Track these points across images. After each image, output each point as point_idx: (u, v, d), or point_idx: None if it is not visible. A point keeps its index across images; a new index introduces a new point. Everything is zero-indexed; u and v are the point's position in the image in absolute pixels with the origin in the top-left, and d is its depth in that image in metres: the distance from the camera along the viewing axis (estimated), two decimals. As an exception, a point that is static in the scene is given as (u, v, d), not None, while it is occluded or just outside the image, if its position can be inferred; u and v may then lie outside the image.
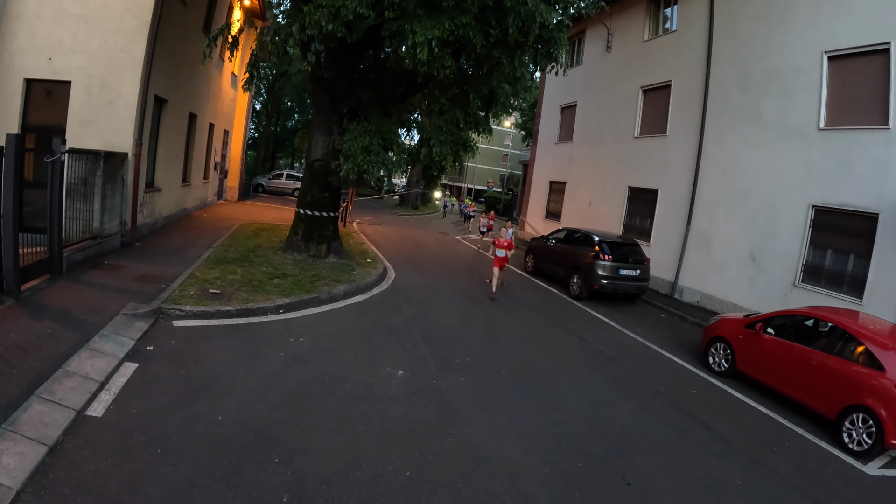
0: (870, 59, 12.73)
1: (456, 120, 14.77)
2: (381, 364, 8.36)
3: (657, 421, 7.83)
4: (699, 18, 17.89)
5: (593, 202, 23.14)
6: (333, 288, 11.77)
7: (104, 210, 11.65)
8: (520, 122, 57.24)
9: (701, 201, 17.12)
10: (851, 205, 12.79)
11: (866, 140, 12.59)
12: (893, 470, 7.59)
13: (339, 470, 5.31)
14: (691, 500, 5.89)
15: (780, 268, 14.29)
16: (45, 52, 12.01)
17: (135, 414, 5.69)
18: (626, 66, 22.06)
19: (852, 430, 7.96)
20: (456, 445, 6.20)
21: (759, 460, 7.18)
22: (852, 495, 6.64)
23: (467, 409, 7.27)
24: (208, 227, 17.93)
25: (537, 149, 29.90)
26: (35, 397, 5.45)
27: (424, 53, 10.65)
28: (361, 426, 6.27)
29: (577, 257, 16.04)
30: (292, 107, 58.08)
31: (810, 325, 9.84)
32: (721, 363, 10.69)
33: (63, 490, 4.37)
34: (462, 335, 10.67)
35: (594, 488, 5.80)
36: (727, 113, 16.51)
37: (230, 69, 23.72)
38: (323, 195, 15.08)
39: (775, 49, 15.04)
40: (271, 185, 38.64)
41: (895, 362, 7.82)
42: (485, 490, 5.39)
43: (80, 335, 7.15)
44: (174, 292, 9.63)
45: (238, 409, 6.18)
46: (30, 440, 4.81)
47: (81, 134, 11.74)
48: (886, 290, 11.85)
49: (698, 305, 16.52)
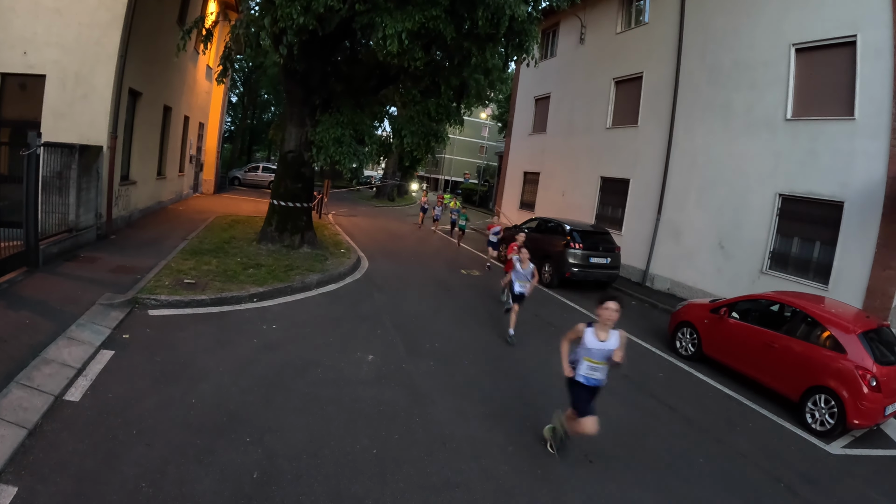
0: (836, 52, 13.06)
1: (428, 111, 14.93)
2: (351, 349, 8.57)
3: (622, 403, 8.07)
4: (670, 11, 18.20)
5: (566, 192, 23.45)
6: (306, 277, 11.94)
7: (80, 203, 11.68)
8: (496, 114, 57.32)
9: (671, 191, 17.48)
10: (817, 193, 13.15)
11: (832, 130, 12.94)
12: (856, 449, 7.90)
13: (307, 448, 5.52)
14: (652, 476, 6.15)
15: (747, 255, 14.68)
16: (20, 45, 11.96)
17: (111, 398, 5.85)
18: (599, 58, 22.36)
19: (815, 410, 8.29)
20: (422, 425, 6.44)
21: (721, 440, 7.47)
22: (816, 473, 6.93)
23: (435, 391, 7.50)
24: (184, 219, 17.98)
25: (512, 140, 30.19)
26: (14, 383, 5.58)
27: (395, 45, 10.82)
28: (331, 407, 6.49)
29: (548, 246, 16.29)
30: (269, 99, 57.80)
31: (774, 309, 10.14)
32: (688, 347, 10.99)
33: (43, 470, 4.54)
34: (432, 322, 10.90)
35: (557, 464, 6.07)
36: (697, 104, 16.85)
37: (205, 62, 23.66)
38: (296, 186, 15.22)
39: (744, 42, 15.39)
40: (247, 177, 38.51)
41: (856, 345, 8.16)
42: (449, 466, 5.63)
43: (58, 325, 7.27)
44: (149, 283, 9.75)
45: (211, 392, 6.36)
46: (9, 423, 4.94)
47: (56, 127, 11.72)
48: (851, 276, 12.22)
49: (669, 293, 16.89)
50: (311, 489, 4.88)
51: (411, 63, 11.97)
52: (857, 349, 8.13)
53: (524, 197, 28.02)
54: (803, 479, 6.71)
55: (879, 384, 7.83)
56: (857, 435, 8.32)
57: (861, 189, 12.18)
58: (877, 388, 7.81)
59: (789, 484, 6.49)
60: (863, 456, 7.76)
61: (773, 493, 6.27)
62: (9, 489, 4.24)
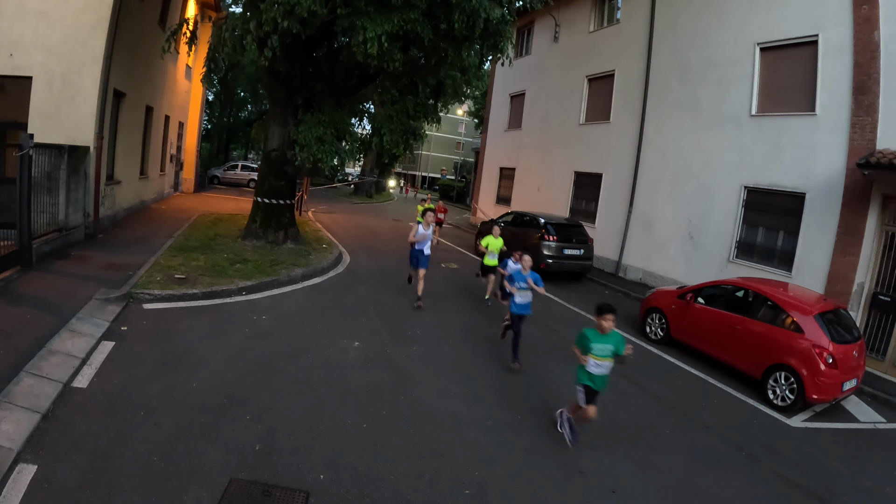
0: (799, 50, 13.63)
1: (406, 110, 15.35)
2: (338, 337, 9.04)
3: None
4: (641, 10, 18.75)
5: (541, 187, 23.99)
6: (292, 271, 12.36)
7: (69, 203, 11.95)
8: (473, 111, 57.60)
9: (642, 184, 18.07)
10: (781, 185, 13.74)
11: (795, 125, 13.51)
12: (816, 423, 8.46)
13: (303, 424, 6.01)
14: (621, 448, 6.67)
15: (715, 245, 15.28)
16: (6, 48, 12.10)
17: (117, 384, 6.27)
18: (572, 55, 22.88)
19: (776, 387, 8.88)
20: (408, 403, 6.95)
21: (687, 414, 8.02)
22: (776, 444, 7.47)
23: (418, 373, 8.01)
24: (167, 218, 18.23)
25: (488, 136, 30.65)
26: (24, 373, 5.95)
27: (374, 48, 11.21)
28: (322, 388, 6.98)
29: (524, 239, 16.76)
30: (245, 97, 57.44)
31: (737, 294, 10.67)
32: (657, 332, 11.59)
33: (59, 449, 4.95)
34: (413, 312, 11.34)
35: (533, 436, 6.61)
36: (667, 101, 17.45)
37: (185, 61, 23.78)
38: (279, 184, 15.57)
39: (712, 41, 15.97)
40: (227, 176, 38.37)
41: (813, 325, 8.75)
42: (433, 438, 6.14)
43: (58, 319, 7.63)
44: (142, 278, 10.11)
45: (210, 377, 6.80)
46: (24, 409, 5.32)
47: (43, 129, 11.70)
48: (813, 264, 12.79)
49: (641, 282, 17.49)
50: (309, 459, 5.36)
51: (390, 64, 12.33)
52: (814, 329, 8.70)
53: (501, 192, 28.49)
54: (764, 448, 7.24)
55: (836, 361, 8.40)
56: (818, 410, 8.87)
57: (822, 181, 12.74)
58: (833, 364, 8.38)
59: (751, 453, 7.03)
60: (822, 429, 8.29)
61: (736, 461, 6.79)
62: (29, 467, 4.62)
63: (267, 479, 4.96)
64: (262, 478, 4.96)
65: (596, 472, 6.02)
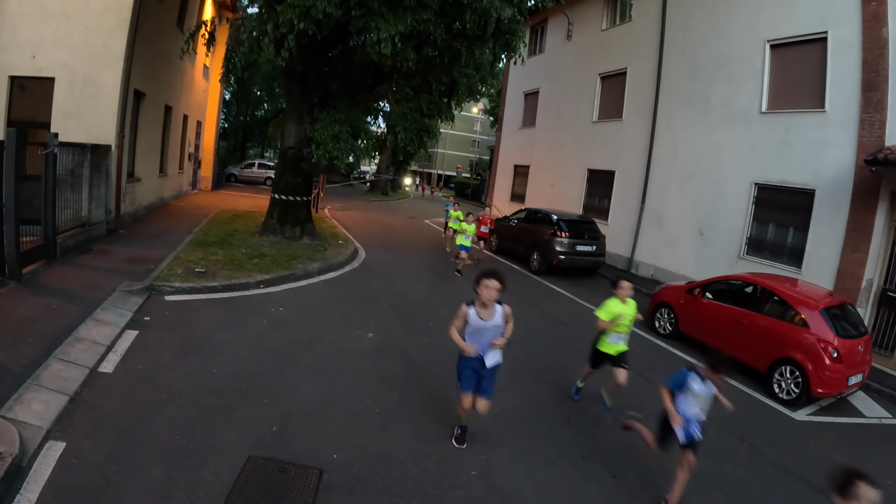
0: (808, 47, 13.69)
1: (420, 107, 15.61)
2: (353, 327, 9.31)
3: (603, 376, 8.72)
4: (653, 8, 18.84)
5: (555, 184, 24.13)
6: (308, 265, 12.65)
7: (91, 199, 12.34)
8: (488, 109, 57.74)
9: (654, 182, 18.20)
10: (790, 182, 13.80)
11: (804, 122, 13.57)
12: (821, 417, 8.57)
13: (318, 407, 6.29)
14: (624, 436, 6.75)
15: (726, 241, 15.37)
16: (29, 49, 12.49)
17: (140, 370, 6.57)
18: (585, 54, 23.01)
19: (781, 380, 9.00)
20: (419, 390, 7.21)
21: (691, 406, 8.18)
22: (779, 436, 7.61)
23: (430, 363, 8.25)
24: (186, 214, 18.63)
25: (502, 134, 30.75)
26: (53, 358, 6.27)
27: (388, 48, 11.46)
28: (336, 375, 7.25)
29: (537, 235, 17.04)
30: (261, 96, 57.94)
31: (744, 289, 10.82)
32: (665, 326, 11.76)
33: (86, 427, 5.23)
34: (427, 304, 11.61)
35: (539, 423, 6.87)
36: (678, 98, 17.54)
37: (202, 61, 24.21)
38: (296, 180, 15.89)
39: (722, 38, 16.05)
40: (243, 174, 38.98)
41: (818, 320, 8.87)
42: (443, 422, 6.38)
43: (83, 309, 7.97)
44: (163, 272, 10.44)
45: (229, 363, 7.10)
46: (53, 391, 5.63)
47: (65, 128, 12.06)
48: (823, 260, 12.85)
49: (653, 278, 17.60)
50: (322, 440, 5.62)
51: (404, 63, 12.57)
52: (819, 324, 8.82)
53: (515, 189, 28.63)
54: (767, 440, 7.37)
55: (841, 356, 8.51)
56: (824, 404, 8.98)
57: (831, 177, 12.79)
58: (838, 359, 8.49)
59: (753, 444, 7.16)
60: (826, 422, 8.40)
61: (737, 451, 6.94)
62: (58, 444, 4.90)
63: (283, 457, 5.22)
64: (279, 456, 5.22)
65: (595, 458, 6.25)
